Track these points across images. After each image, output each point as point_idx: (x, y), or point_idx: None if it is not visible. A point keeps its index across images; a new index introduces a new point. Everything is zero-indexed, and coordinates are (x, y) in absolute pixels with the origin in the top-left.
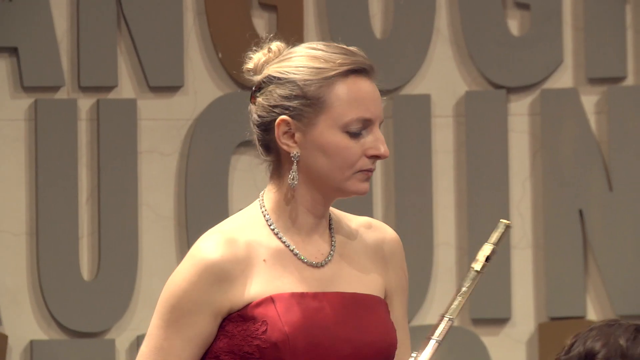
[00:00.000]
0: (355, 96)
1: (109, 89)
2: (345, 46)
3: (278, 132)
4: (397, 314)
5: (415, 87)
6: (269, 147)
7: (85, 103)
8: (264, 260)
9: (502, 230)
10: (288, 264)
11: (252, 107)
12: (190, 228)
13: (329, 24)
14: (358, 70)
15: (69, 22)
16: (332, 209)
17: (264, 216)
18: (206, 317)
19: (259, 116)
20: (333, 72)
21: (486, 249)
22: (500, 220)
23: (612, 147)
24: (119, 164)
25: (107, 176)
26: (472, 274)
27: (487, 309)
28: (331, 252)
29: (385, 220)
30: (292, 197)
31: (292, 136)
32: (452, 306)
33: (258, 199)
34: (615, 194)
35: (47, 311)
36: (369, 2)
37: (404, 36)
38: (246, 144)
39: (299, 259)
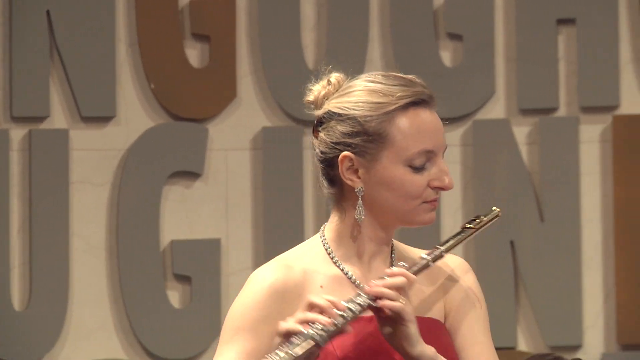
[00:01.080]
0: (416, 129)
1: (41, 119)
2: (403, 75)
3: (341, 168)
4: (466, 330)
5: None
6: (333, 180)
7: (17, 133)
8: (321, 287)
9: (492, 211)
10: (345, 291)
11: (314, 142)
12: (121, 258)
13: (261, 55)
14: (417, 102)
15: (1, 53)
16: (396, 243)
17: (324, 245)
18: (265, 334)
19: (322, 152)
20: (393, 107)
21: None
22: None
23: (543, 178)
24: (50, 195)
25: (38, 206)
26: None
27: None
28: None
29: None
30: (356, 229)
31: (356, 171)
32: (449, 243)
33: (319, 232)
34: (547, 224)
35: None
36: (301, 34)
37: (337, 67)
38: (178, 174)
39: (357, 286)
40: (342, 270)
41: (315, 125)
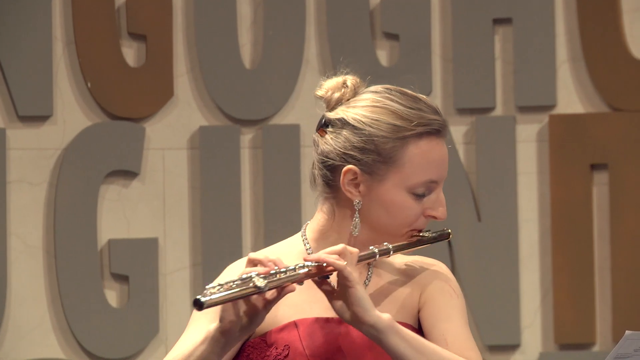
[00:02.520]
0: (426, 159)
1: None
2: (419, 97)
3: (344, 179)
4: (443, 316)
5: (285, 117)
6: (330, 185)
7: None
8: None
9: (443, 231)
10: (314, 289)
11: (318, 139)
12: (59, 258)
13: (198, 54)
14: (432, 132)
15: None
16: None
17: (304, 244)
18: None
19: (326, 156)
20: (409, 133)
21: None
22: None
23: (480, 177)
24: None
25: None
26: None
27: None
28: (365, 282)
29: (254, 249)
30: (342, 234)
31: (357, 185)
32: (398, 244)
33: (301, 230)
34: (484, 224)
35: None
36: (238, 32)
37: (273, 66)
38: (115, 173)
39: (331, 286)
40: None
41: (323, 125)
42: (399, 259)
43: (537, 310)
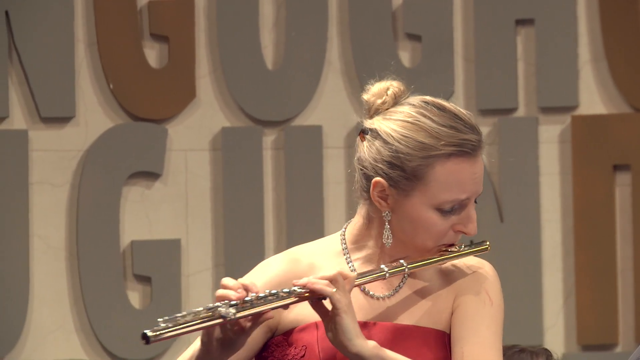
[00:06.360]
0: (453, 179)
1: (0, 120)
2: (458, 113)
3: (373, 190)
4: (469, 323)
5: (307, 119)
6: (367, 191)
7: None
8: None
9: (480, 243)
10: (348, 290)
11: (358, 144)
12: (81, 259)
13: (220, 55)
14: (462, 153)
15: None
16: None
17: (342, 244)
18: None
19: (361, 163)
20: (435, 152)
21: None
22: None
23: (503, 178)
24: (9, 195)
25: None
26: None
27: None
28: (399, 285)
29: (277, 251)
30: (378, 240)
31: (386, 198)
32: (416, 262)
33: (341, 230)
34: (506, 225)
35: None
36: (260, 34)
37: (296, 68)
38: (137, 174)
39: (362, 290)
40: (353, 271)
41: (363, 131)
42: (447, 263)
43: (560, 311)
